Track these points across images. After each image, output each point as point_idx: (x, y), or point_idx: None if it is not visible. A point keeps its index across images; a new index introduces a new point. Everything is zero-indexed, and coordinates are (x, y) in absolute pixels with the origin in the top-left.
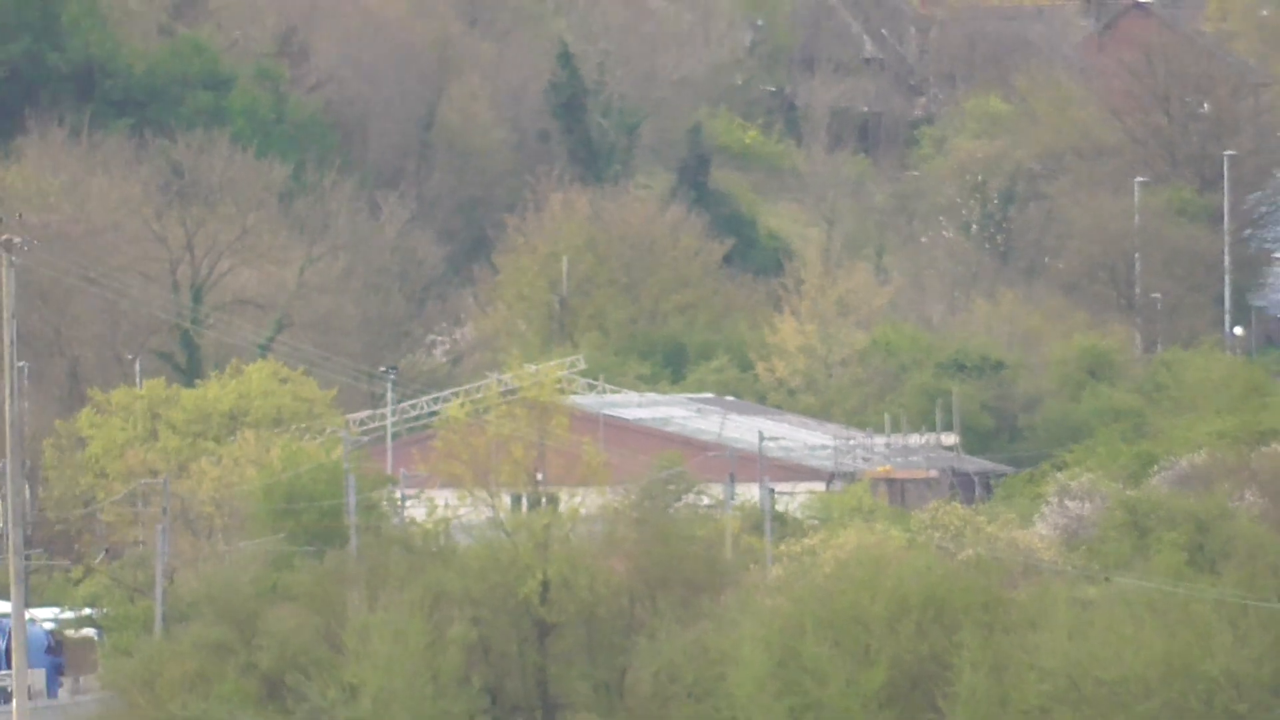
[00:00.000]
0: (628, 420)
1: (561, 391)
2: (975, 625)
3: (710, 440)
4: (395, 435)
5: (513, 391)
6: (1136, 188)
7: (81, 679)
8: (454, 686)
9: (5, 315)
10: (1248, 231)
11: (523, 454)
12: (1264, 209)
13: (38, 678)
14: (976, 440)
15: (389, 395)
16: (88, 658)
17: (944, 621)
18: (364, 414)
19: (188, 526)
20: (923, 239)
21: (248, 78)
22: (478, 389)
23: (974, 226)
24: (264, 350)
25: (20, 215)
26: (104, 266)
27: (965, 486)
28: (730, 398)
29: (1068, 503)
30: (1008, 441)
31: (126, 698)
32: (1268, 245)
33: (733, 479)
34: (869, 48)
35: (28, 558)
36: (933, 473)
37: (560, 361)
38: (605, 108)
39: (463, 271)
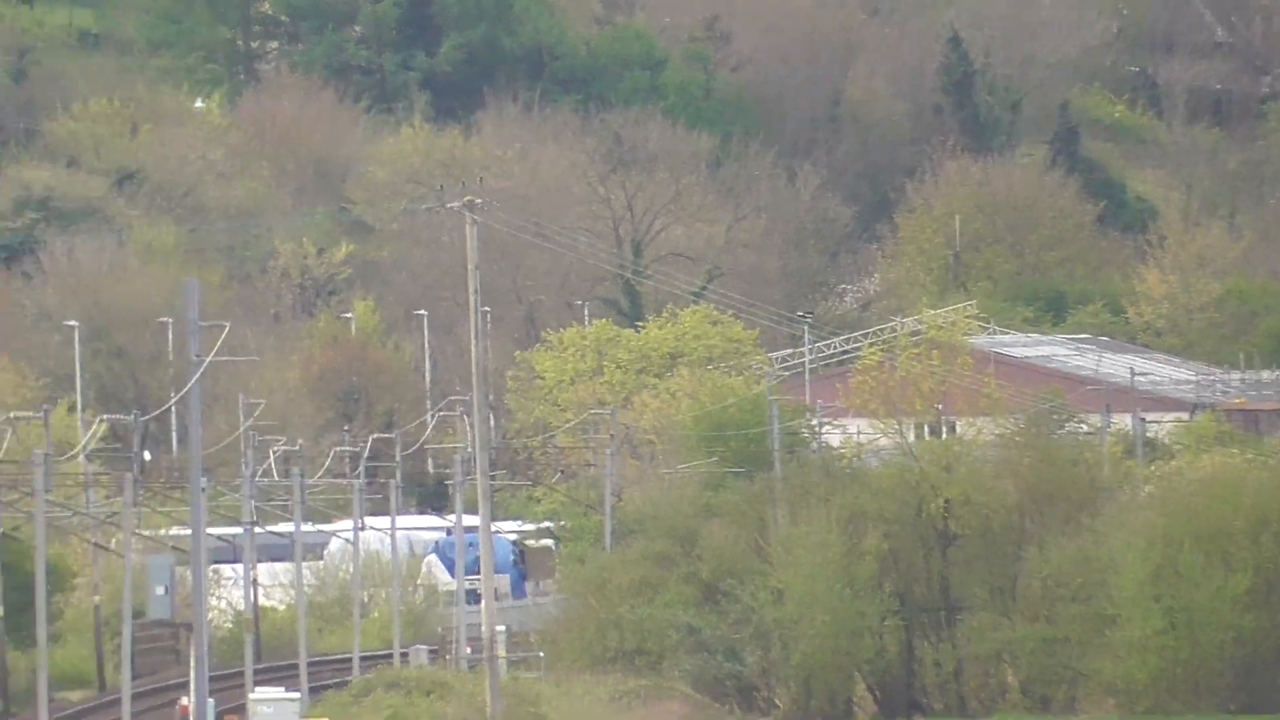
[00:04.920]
0: (1015, 358)
1: (961, 333)
2: None
3: (1087, 376)
4: (812, 371)
5: (917, 333)
6: None
7: (541, 583)
8: (868, 591)
9: (470, 266)
10: None
11: (929, 389)
12: None
13: (503, 582)
14: None
15: (806, 336)
16: (546, 565)
17: None
18: (784, 353)
19: (632, 451)
20: (1271, 200)
21: (678, 59)
22: (885, 331)
23: None
24: (696, 298)
25: (481, 180)
26: (554, 225)
27: None
28: (1104, 338)
29: None
30: None
31: (581, 600)
32: None
33: (1108, 409)
34: (1220, 33)
35: (493, 478)
36: None
37: (955, 307)
38: (990, 86)
39: (869, 229)
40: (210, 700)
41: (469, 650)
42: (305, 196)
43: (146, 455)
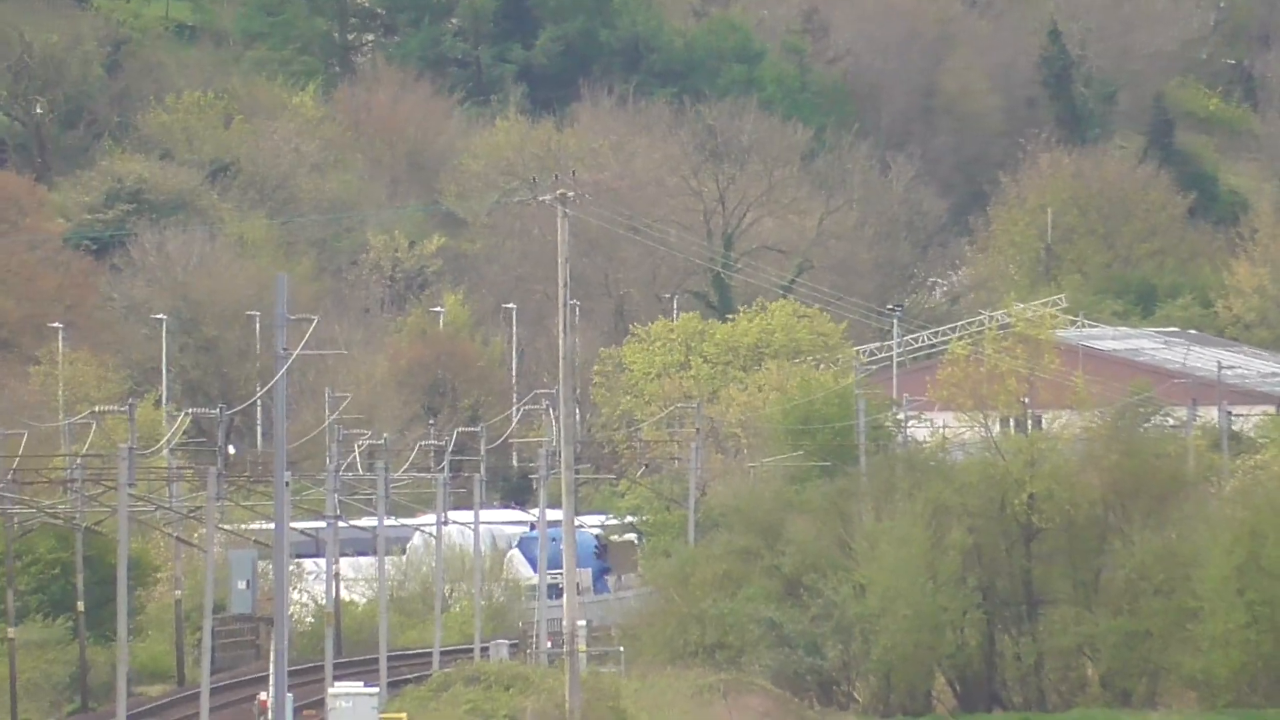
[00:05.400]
0: (1104, 351)
1: (1050, 327)
2: None
3: (1175, 369)
4: (900, 365)
5: (1006, 327)
6: None
7: (623, 577)
8: (951, 585)
9: (560, 259)
10: None
11: (1015, 383)
12: None
13: (585, 576)
14: None
15: (895, 329)
16: (629, 559)
17: None
18: (872, 346)
19: (717, 445)
20: None
21: (775, 51)
22: (974, 325)
23: None
24: (786, 291)
25: (574, 172)
26: (646, 217)
27: None
28: (1193, 331)
29: None
30: None
31: (664, 594)
32: None
33: (1195, 403)
34: None
35: (577, 472)
36: None
37: (1046, 300)
38: (1086, 78)
39: (961, 221)
40: (289, 695)
41: (549, 645)
42: (399, 189)
43: (231, 449)
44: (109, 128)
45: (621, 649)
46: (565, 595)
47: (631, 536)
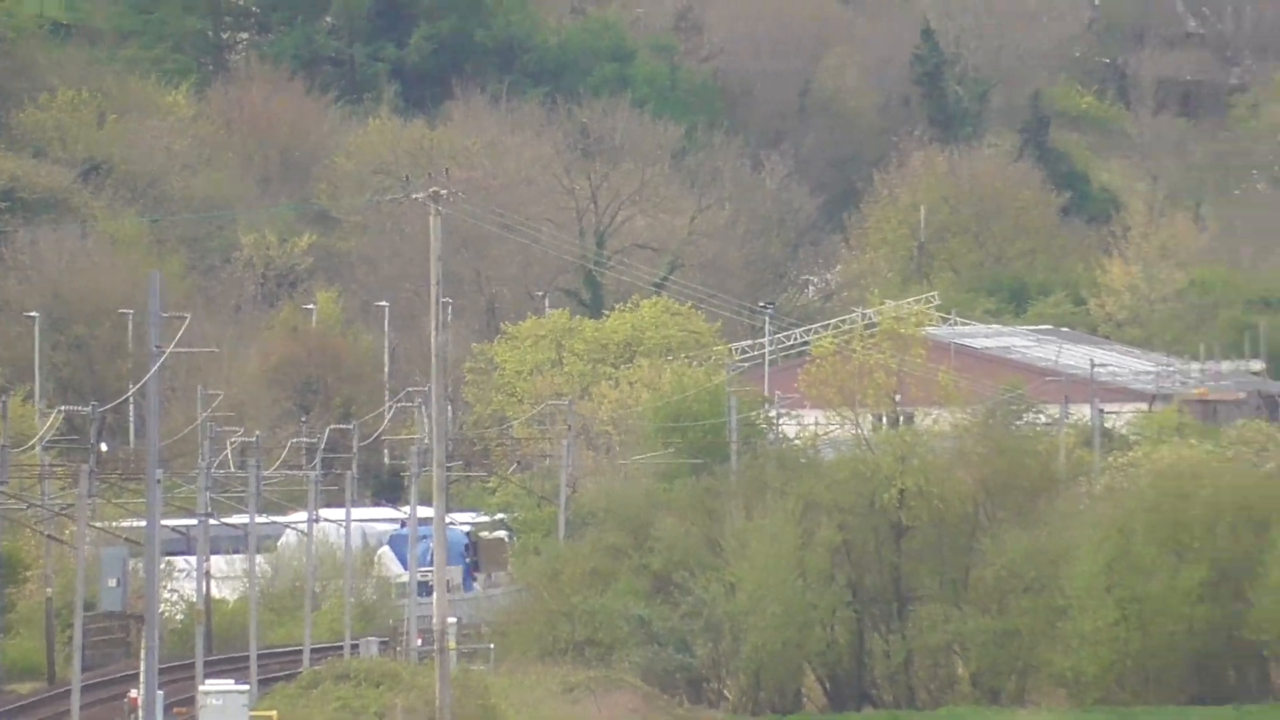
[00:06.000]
0: (976, 349)
1: (918, 324)
2: None
3: (1047, 366)
4: (772, 363)
5: (874, 325)
6: None
7: (494, 575)
8: (820, 582)
9: (433, 257)
10: None
11: (884, 379)
12: None
13: (456, 574)
14: None
15: (767, 327)
16: (499, 557)
17: (1254, 524)
18: (744, 344)
19: (588, 442)
20: (1236, 192)
21: (648, 50)
22: (845, 323)
23: None
24: (658, 288)
25: (447, 170)
26: (519, 215)
27: (1270, 407)
28: (1065, 329)
29: None
30: None
31: (534, 591)
32: None
33: (1067, 400)
34: (1192, 24)
35: (448, 469)
36: (1241, 395)
37: (917, 299)
38: (960, 76)
39: (833, 219)
40: (160, 692)
41: (419, 642)
42: (271, 188)
43: (103, 447)
44: None
45: (491, 646)
46: (436, 593)
47: (502, 534)
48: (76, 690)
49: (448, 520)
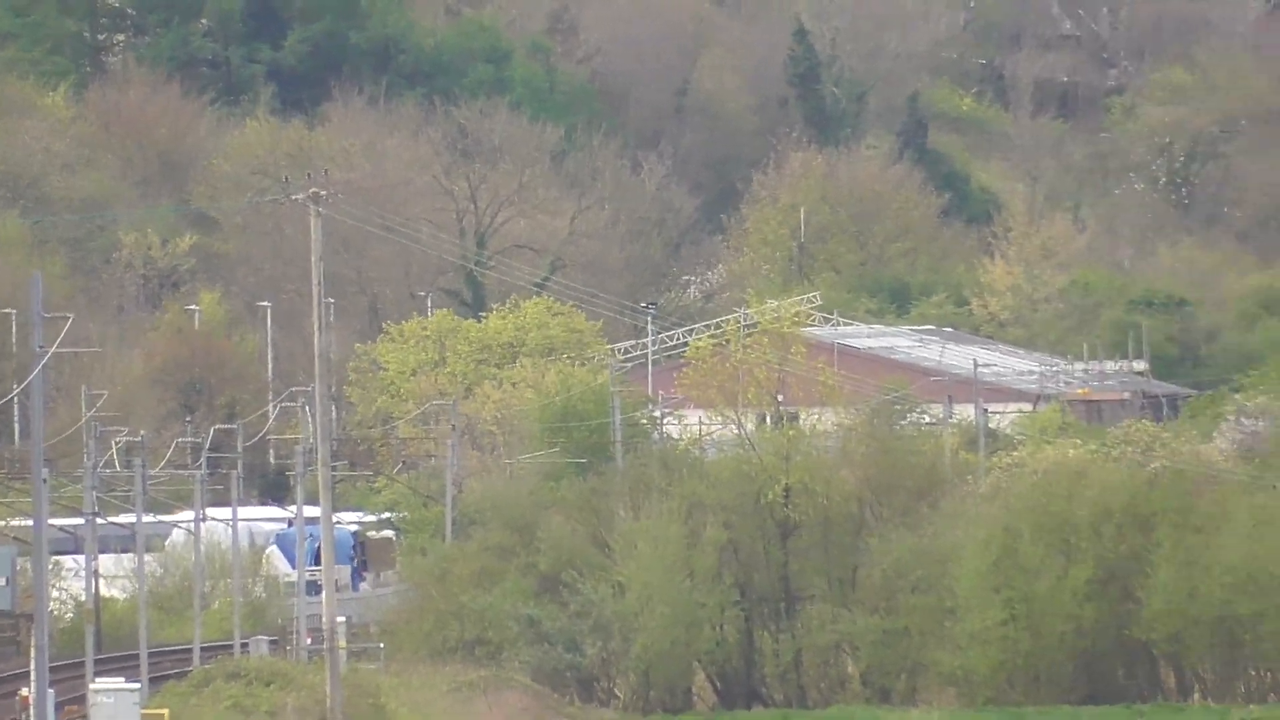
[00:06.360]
0: (858, 349)
1: (798, 324)
2: (1169, 527)
3: (931, 366)
4: (655, 363)
5: (754, 325)
6: None
7: (381, 574)
8: (708, 582)
9: (314, 258)
10: None
11: (765, 378)
12: None
13: (343, 573)
14: (1163, 367)
15: (649, 327)
16: (386, 556)
17: (1141, 524)
18: (627, 344)
19: (473, 442)
20: (1115, 192)
21: (524, 51)
22: (726, 322)
23: (1160, 181)
24: (539, 288)
25: (326, 172)
26: (398, 216)
27: (1154, 407)
28: (948, 329)
29: (1244, 420)
30: (1191, 368)
31: (421, 590)
32: None
33: (950, 400)
34: (1067, 26)
35: (334, 469)
36: (1125, 395)
37: (798, 298)
38: (837, 78)
39: (713, 220)
40: (51, 691)
41: (309, 641)
42: (150, 189)
43: None
44: None
45: (381, 646)
46: (324, 592)
47: (389, 533)
48: None
49: (334, 520)
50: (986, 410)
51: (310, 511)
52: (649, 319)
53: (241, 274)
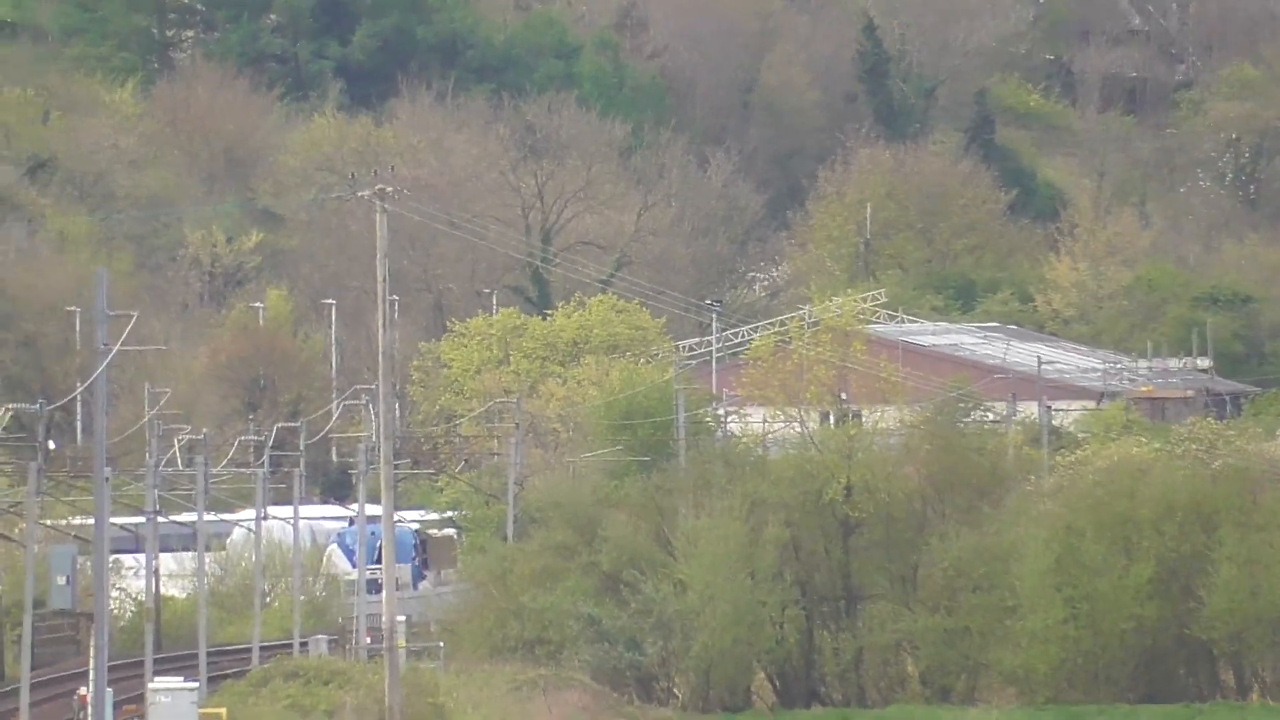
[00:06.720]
0: (923, 346)
1: (863, 321)
2: (1231, 525)
3: (995, 363)
4: (719, 360)
5: (818, 322)
6: None
7: (442, 573)
8: (769, 580)
9: (379, 255)
10: None
11: (826, 376)
12: None
13: (404, 572)
14: (1228, 364)
15: (714, 324)
16: (448, 554)
17: (1203, 522)
18: (692, 341)
19: (537, 440)
20: (1181, 189)
21: (592, 47)
22: (791, 320)
23: (1227, 178)
24: (604, 285)
25: (392, 168)
26: (465, 213)
27: (1218, 404)
28: (1013, 326)
29: None
30: (1256, 365)
31: (482, 589)
32: None
33: (1014, 397)
34: (1136, 21)
35: (396, 467)
36: (1189, 392)
37: (862, 295)
38: (905, 74)
39: (779, 216)
40: (109, 690)
41: (369, 640)
42: (216, 185)
43: (51, 445)
44: None
45: (441, 644)
46: (385, 591)
47: (451, 532)
48: (26, 688)
49: (396, 518)
50: (1050, 408)
51: (372, 510)
52: (714, 316)
53: (306, 271)
